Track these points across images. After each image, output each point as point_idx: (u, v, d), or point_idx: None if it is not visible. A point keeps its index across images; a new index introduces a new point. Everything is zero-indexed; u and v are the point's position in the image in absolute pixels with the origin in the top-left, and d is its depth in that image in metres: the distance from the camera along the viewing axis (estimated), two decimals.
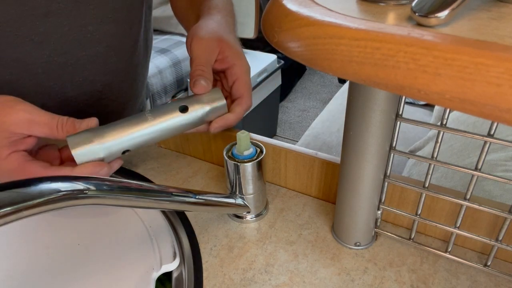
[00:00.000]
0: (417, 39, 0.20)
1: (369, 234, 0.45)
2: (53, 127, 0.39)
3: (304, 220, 0.49)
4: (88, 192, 0.30)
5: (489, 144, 0.34)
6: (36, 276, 0.41)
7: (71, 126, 0.39)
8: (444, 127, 0.35)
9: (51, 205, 0.28)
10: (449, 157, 0.73)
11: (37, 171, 0.38)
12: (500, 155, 0.68)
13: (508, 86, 0.17)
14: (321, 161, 0.49)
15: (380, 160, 0.38)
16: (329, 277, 0.41)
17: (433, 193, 0.39)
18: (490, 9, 0.24)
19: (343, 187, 0.42)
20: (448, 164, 0.36)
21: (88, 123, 0.40)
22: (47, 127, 0.38)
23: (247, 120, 1.88)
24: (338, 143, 1.20)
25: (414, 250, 0.44)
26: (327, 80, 2.84)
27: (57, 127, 0.39)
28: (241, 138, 0.43)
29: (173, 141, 0.61)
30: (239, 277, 0.42)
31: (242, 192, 0.46)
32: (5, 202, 0.26)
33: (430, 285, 0.40)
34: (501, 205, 0.38)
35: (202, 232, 0.47)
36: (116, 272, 0.41)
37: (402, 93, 0.21)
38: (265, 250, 0.45)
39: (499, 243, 0.38)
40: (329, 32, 0.23)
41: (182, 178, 0.57)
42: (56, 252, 0.43)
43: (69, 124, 0.39)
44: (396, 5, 0.25)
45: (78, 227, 0.47)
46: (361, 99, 0.34)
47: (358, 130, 0.36)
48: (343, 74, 0.23)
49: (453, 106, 0.19)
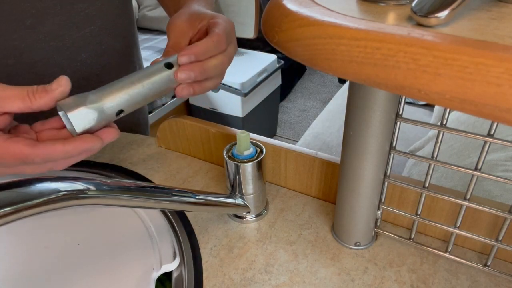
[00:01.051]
0: (417, 39, 0.20)
1: (369, 234, 0.45)
2: (25, 97, 0.35)
3: (304, 220, 0.49)
4: (88, 192, 0.30)
5: (489, 144, 0.34)
6: (36, 276, 0.41)
7: (43, 91, 0.35)
8: (444, 127, 0.35)
9: (51, 205, 0.28)
10: (449, 157, 0.73)
11: (23, 150, 0.34)
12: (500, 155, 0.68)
13: (508, 86, 0.17)
14: (321, 161, 0.49)
15: (380, 160, 0.38)
16: (329, 277, 0.41)
17: (433, 193, 0.39)
18: (490, 9, 0.24)
19: (343, 187, 0.42)
20: (448, 164, 0.36)
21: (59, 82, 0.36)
22: (18, 99, 0.35)
23: (247, 120, 1.88)
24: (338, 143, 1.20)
25: (414, 250, 0.44)
26: (327, 80, 2.84)
27: (29, 96, 0.35)
28: (241, 138, 0.43)
29: (173, 141, 0.61)
30: (239, 277, 0.42)
31: (242, 192, 0.46)
32: (5, 202, 0.26)
33: (430, 285, 0.40)
34: (501, 205, 0.38)
35: (202, 232, 0.47)
36: (116, 272, 0.41)
37: (402, 93, 0.21)
38: (265, 250, 0.45)
39: (499, 243, 0.38)
40: (329, 32, 0.23)
41: (182, 178, 0.57)
42: (56, 252, 0.43)
43: (40, 89, 0.35)
44: (396, 5, 0.25)
45: (78, 227, 0.47)
46: (361, 99, 0.34)
47: (358, 130, 0.36)
48: (343, 74, 0.23)
49: (453, 106, 0.19)
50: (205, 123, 0.57)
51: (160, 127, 0.60)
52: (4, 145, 0.34)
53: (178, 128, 0.59)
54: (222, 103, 1.86)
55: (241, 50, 2.07)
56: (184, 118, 0.58)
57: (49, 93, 0.35)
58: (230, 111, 1.86)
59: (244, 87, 1.75)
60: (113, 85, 0.39)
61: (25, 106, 0.35)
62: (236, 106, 1.82)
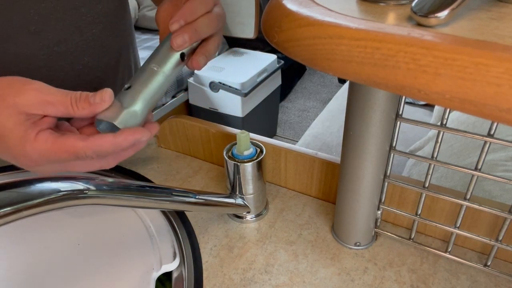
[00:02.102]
0: (417, 39, 0.20)
1: (369, 234, 0.45)
2: (68, 106, 0.36)
3: (304, 220, 0.49)
4: (88, 192, 0.30)
5: (489, 144, 0.34)
6: (36, 276, 0.41)
7: (86, 102, 0.36)
8: (444, 127, 0.35)
9: (51, 205, 0.28)
10: (449, 157, 0.73)
11: (77, 144, 0.35)
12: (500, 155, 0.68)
13: (508, 86, 0.17)
14: (321, 161, 0.49)
15: (380, 160, 0.38)
16: (329, 277, 0.41)
17: (433, 193, 0.39)
18: (490, 9, 0.24)
19: (343, 187, 0.42)
20: (448, 164, 0.36)
21: (103, 97, 0.37)
22: (62, 106, 0.36)
23: (247, 120, 1.88)
24: (338, 143, 1.20)
25: (414, 250, 0.44)
26: (327, 80, 2.84)
27: (72, 105, 0.36)
28: (241, 138, 0.43)
29: (173, 141, 0.61)
30: (239, 277, 0.42)
31: (242, 192, 0.46)
32: (5, 202, 0.26)
33: (430, 285, 0.40)
34: (501, 205, 0.38)
35: (202, 232, 0.47)
36: (116, 272, 0.41)
37: (402, 93, 0.21)
38: (265, 250, 0.45)
39: (499, 243, 0.38)
40: (329, 32, 0.23)
41: (182, 178, 0.57)
42: (56, 252, 0.43)
43: (83, 99, 0.36)
44: (396, 5, 0.25)
45: (78, 227, 0.47)
46: (361, 99, 0.34)
47: (358, 130, 0.36)
48: (343, 74, 0.23)
49: (453, 106, 0.19)
50: (205, 123, 0.57)
51: (160, 127, 0.60)
52: (58, 141, 0.35)
53: (178, 128, 0.59)
54: (222, 103, 1.86)
55: (241, 50, 2.07)
56: (184, 118, 0.58)
57: (92, 106, 0.36)
58: (230, 111, 1.86)
59: (244, 87, 1.75)
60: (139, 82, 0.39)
61: (67, 113, 0.36)
62: (236, 106, 1.82)
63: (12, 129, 0.34)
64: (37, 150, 0.35)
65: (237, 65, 1.91)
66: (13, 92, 0.35)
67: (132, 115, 0.37)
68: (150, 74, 0.39)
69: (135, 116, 0.38)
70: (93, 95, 0.37)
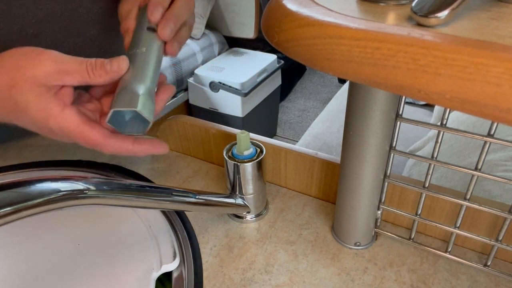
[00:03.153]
0: (417, 39, 0.20)
1: (369, 234, 0.45)
2: (84, 74, 0.37)
3: (304, 220, 0.49)
4: (88, 192, 0.30)
5: (489, 144, 0.34)
6: (36, 276, 0.41)
7: (102, 69, 0.37)
8: (444, 127, 0.35)
9: (51, 205, 0.28)
10: (449, 157, 0.73)
11: (97, 139, 0.36)
12: (500, 155, 0.68)
13: (508, 86, 0.17)
14: (321, 161, 0.49)
15: (380, 160, 0.38)
16: (329, 277, 0.41)
17: (433, 193, 0.39)
18: (490, 9, 0.24)
19: (343, 187, 0.42)
20: (448, 164, 0.36)
21: (119, 62, 0.38)
22: (78, 75, 0.37)
23: (247, 120, 1.88)
24: (338, 143, 1.20)
25: (414, 250, 0.44)
26: (327, 80, 2.84)
27: (88, 73, 0.37)
28: (241, 138, 0.43)
29: (173, 141, 0.61)
30: (239, 277, 0.42)
31: (242, 192, 0.46)
32: (5, 202, 0.26)
33: (430, 285, 0.40)
34: (501, 205, 0.38)
35: (202, 232, 0.47)
36: (116, 272, 0.41)
37: (402, 93, 0.21)
38: (265, 250, 0.45)
39: (499, 243, 0.38)
40: (329, 32, 0.23)
41: (182, 178, 0.57)
42: (56, 252, 0.43)
43: (99, 67, 0.37)
44: (396, 5, 0.25)
45: (78, 227, 0.47)
46: (361, 99, 0.34)
47: (358, 130, 0.36)
48: (343, 74, 0.23)
49: (453, 106, 0.19)
50: (205, 123, 0.57)
51: (160, 127, 0.60)
52: (80, 128, 0.36)
53: (178, 128, 0.59)
54: (222, 103, 1.86)
55: (241, 50, 2.07)
56: (184, 118, 0.58)
57: (109, 74, 0.38)
58: (230, 111, 1.86)
59: (244, 87, 1.75)
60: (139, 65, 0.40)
61: (84, 81, 0.37)
62: (236, 106, 1.82)
63: (35, 102, 0.36)
64: (59, 126, 0.36)
65: (237, 65, 1.92)
66: (30, 64, 0.36)
67: (147, 98, 0.38)
68: (143, 57, 0.40)
69: (151, 96, 0.38)
70: (109, 61, 0.38)
